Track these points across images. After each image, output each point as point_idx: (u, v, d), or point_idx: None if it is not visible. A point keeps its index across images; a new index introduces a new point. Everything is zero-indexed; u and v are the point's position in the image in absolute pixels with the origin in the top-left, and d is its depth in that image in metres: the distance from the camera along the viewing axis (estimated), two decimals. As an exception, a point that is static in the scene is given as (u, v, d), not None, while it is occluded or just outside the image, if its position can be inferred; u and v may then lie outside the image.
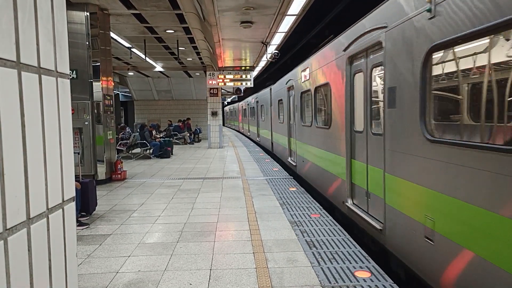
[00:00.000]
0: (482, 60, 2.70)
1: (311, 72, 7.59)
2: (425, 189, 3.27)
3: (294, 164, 9.93)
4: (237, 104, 35.92)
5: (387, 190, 4.05)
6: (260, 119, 18.70)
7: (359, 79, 5.07)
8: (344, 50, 5.40)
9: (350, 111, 5.34)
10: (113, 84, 8.89)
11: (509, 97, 2.38)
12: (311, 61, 7.66)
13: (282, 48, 11.84)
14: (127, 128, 13.87)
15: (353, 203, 5.32)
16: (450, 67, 3.10)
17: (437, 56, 3.16)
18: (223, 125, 50.46)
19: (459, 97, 3.07)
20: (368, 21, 4.52)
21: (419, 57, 3.28)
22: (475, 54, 2.77)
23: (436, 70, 3.21)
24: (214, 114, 15.89)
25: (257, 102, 19.52)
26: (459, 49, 2.90)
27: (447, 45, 2.93)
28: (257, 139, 19.98)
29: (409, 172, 3.57)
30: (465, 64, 2.93)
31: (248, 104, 24.98)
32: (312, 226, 4.91)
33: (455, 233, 2.85)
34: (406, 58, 3.55)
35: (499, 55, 2.51)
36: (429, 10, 3.09)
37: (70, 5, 7.53)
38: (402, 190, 3.72)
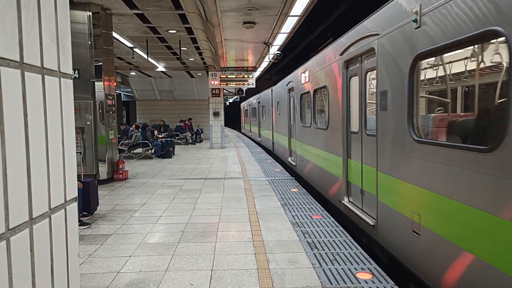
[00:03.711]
0: None
1: None
2: None
3: None
4: (270, 90, 15.30)
5: None
6: None
7: None
8: None
9: None
10: (115, 84, 8.91)
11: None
12: None
13: (284, 48, 11.84)
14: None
15: None
16: None
17: None
18: (241, 132, 33.97)
19: None
20: None
21: None
22: None
23: None
24: (216, 114, 15.91)
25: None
26: None
27: None
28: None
29: None
30: None
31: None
32: (314, 227, 4.90)
33: None
34: None
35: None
36: None
37: (73, 5, 7.54)
38: None
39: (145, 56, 12.84)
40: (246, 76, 15.19)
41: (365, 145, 4.97)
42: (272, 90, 14.74)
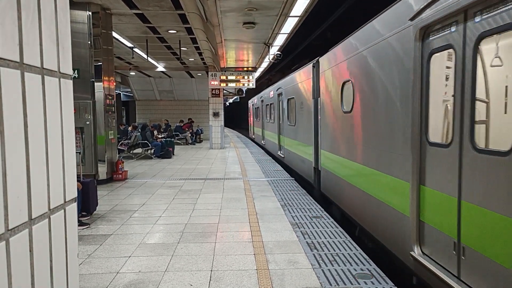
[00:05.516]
0: None
1: None
2: None
3: None
4: (309, 68, 8.08)
5: None
6: None
7: None
8: None
9: None
10: (114, 83, 8.90)
11: None
12: None
13: (284, 49, 11.85)
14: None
15: None
16: None
17: None
18: (248, 138, 24.89)
19: None
20: None
21: None
22: None
23: None
24: (215, 114, 15.91)
25: None
26: None
27: None
28: None
29: None
30: None
31: None
32: (313, 228, 4.90)
33: None
34: None
35: None
36: None
37: (73, 5, 7.53)
38: None
39: (145, 56, 12.84)
40: (246, 77, 15.21)
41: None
42: (315, 67, 7.78)
